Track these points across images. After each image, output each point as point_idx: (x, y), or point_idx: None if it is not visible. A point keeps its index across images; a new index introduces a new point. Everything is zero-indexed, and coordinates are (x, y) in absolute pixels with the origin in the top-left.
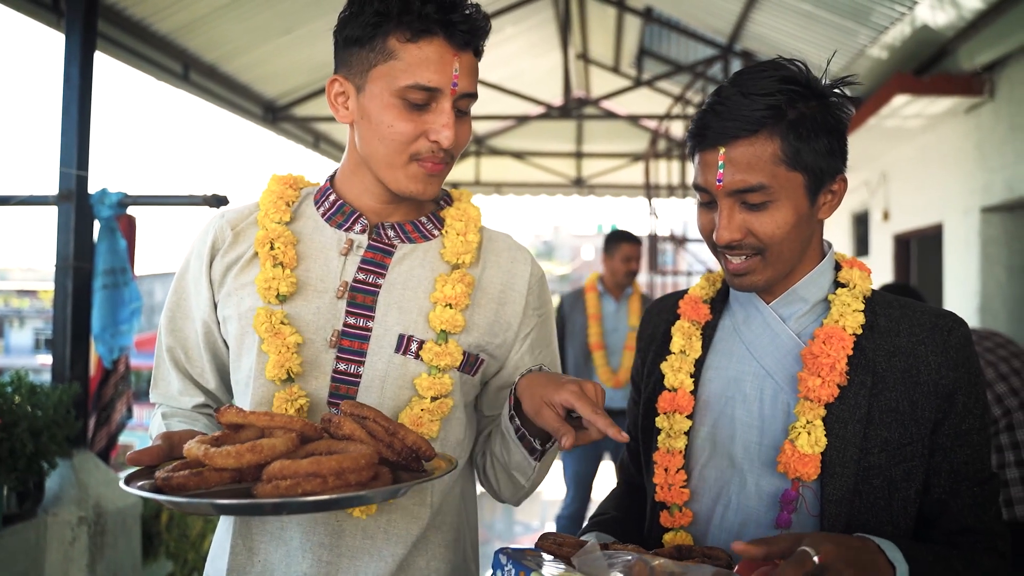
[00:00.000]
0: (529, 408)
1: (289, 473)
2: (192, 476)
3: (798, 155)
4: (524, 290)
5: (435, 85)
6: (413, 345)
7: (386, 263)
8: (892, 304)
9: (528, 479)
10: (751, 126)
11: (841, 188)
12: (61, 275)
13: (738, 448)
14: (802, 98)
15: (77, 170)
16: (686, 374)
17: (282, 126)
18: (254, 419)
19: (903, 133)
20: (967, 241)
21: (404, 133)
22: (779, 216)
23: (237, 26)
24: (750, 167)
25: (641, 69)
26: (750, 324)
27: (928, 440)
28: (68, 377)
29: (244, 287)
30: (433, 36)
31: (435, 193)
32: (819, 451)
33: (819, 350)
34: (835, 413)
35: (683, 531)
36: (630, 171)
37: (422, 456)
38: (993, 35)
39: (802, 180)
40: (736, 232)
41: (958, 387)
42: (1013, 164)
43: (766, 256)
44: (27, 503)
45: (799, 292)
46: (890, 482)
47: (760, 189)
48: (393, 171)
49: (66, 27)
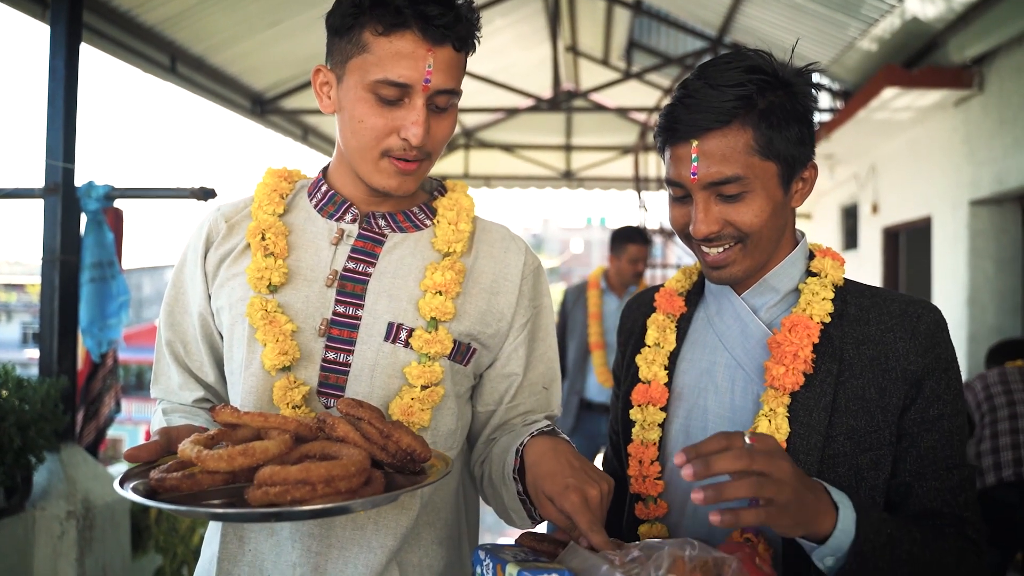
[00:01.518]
0: (531, 493)
1: (279, 480)
2: (185, 478)
3: (770, 144)
4: (517, 280)
5: (405, 81)
6: (403, 333)
7: (376, 252)
8: (864, 293)
9: (526, 525)
10: (723, 117)
11: (812, 175)
12: (48, 268)
13: None
14: (770, 87)
15: (63, 163)
16: (660, 366)
17: (270, 119)
18: (248, 419)
19: (892, 126)
20: (956, 234)
21: (374, 128)
22: (756, 206)
23: (225, 18)
24: (724, 158)
25: (630, 62)
26: (722, 315)
27: (895, 427)
28: (56, 371)
29: (235, 277)
30: (406, 30)
31: (410, 189)
32: (781, 439)
33: (783, 339)
34: (800, 401)
35: (658, 523)
36: (619, 164)
37: (417, 459)
38: (983, 28)
39: (775, 169)
40: (714, 224)
41: (927, 373)
42: (1002, 158)
43: (746, 245)
44: (15, 498)
45: (770, 282)
46: (856, 470)
47: (736, 180)
48: (365, 165)
49: (51, 19)
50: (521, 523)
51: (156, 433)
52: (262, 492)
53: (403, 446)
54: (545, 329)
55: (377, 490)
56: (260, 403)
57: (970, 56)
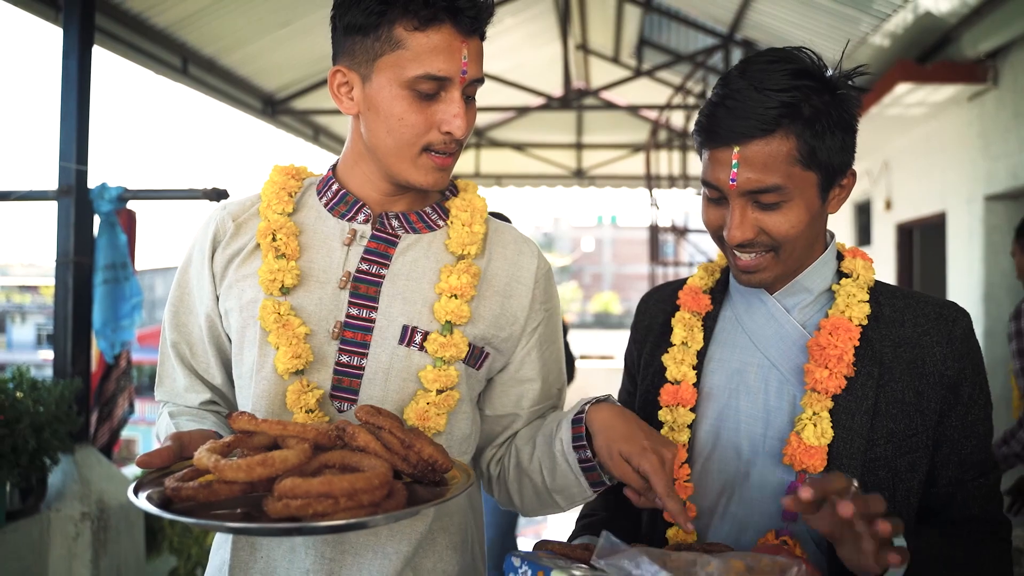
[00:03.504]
0: (604, 456)
1: (300, 492)
2: (201, 488)
3: (813, 154)
4: (531, 283)
5: (446, 74)
6: (417, 336)
7: (390, 253)
8: (896, 294)
9: (572, 504)
10: (767, 125)
11: (850, 182)
12: (62, 270)
13: (743, 440)
14: (816, 92)
15: (76, 165)
16: (688, 366)
17: (281, 119)
18: (266, 427)
19: (906, 121)
20: (971, 230)
21: (415, 125)
22: (792, 216)
23: (236, 19)
24: (766, 167)
25: (641, 59)
26: (753, 314)
27: (933, 431)
28: (70, 372)
29: (245, 279)
30: (441, 24)
31: (446, 183)
32: (826, 443)
33: (826, 341)
34: (842, 404)
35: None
36: (630, 162)
37: (438, 469)
38: (996, 22)
39: (816, 179)
40: (749, 232)
41: (963, 377)
42: (1017, 152)
43: (779, 253)
44: (30, 499)
45: (803, 283)
46: (895, 473)
47: (775, 190)
48: (402, 163)
49: (64, 21)
50: (566, 503)
51: (168, 438)
52: (283, 504)
53: (425, 456)
54: (556, 332)
55: (399, 503)
56: (272, 407)
57: (984, 51)
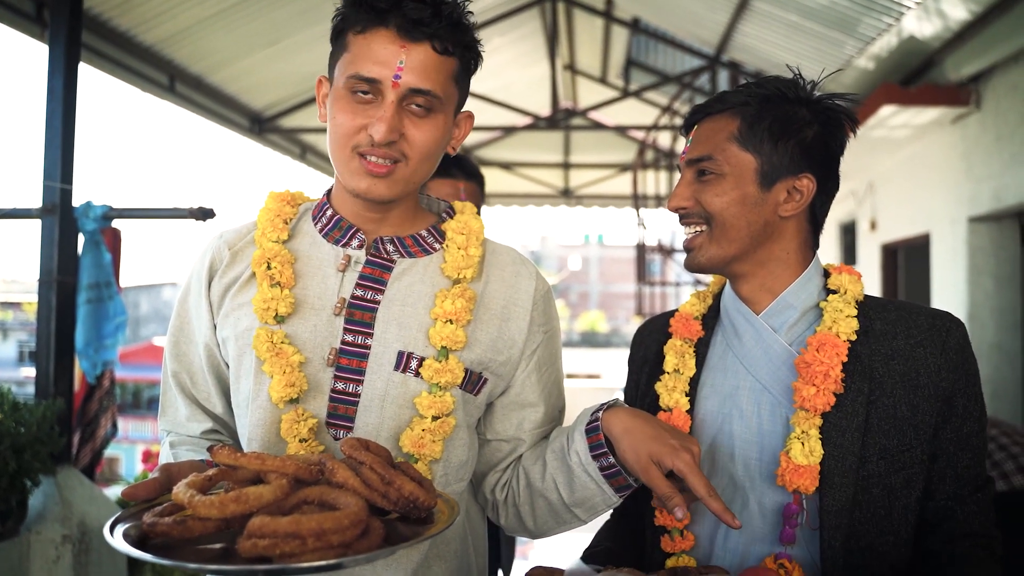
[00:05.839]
0: (632, 460)
1: (268, 532)
2: (176, 525)
3: (752, 138)
4: (528, 305)
5: (374, 76)
6: (413, 362)
7: (385, 279)
8: (887, 307)
9: (595, 515)
10: (721, 105)
11: (807, 187)
12: (45, 289)
13: (738, 465)
14: (789, 103)
15: (61, 183)
16: (681, 393)
17: (269, 137)
18: (245, 462)
19: (890, 143)
20: (954, 251)
21: (343, 125)
22: (724, 191)
23: (223, 37)
24: (707, 140)
25: (628, 80)
26: (742, 337)
27: (928, 445)
28: (52, 392)
29: (241, 307)
30: (381, 27)
31: (383, 194)
32: (815, 461)
33: (812, 358)
34: (832, 422)
35: (685, 555)
36: (618, 181)
37: (420, 507)
38: (979, 46)
39: (753, 163)
40: (683, 200)
41: (957, 389)
42: (1000, 174)
43: (712, 231)
44: (10, 522)
45: (787, 299)
46: (890, 490)
47: (708, 159)
48: (339, 165)
49: (50, 38)
50: (588, 515)
51: (157, 469)
52: (251, 544)
53: (405, 494)
54: (555, 353)
55: (374, 543)
56: (268, 436)
57: (966, 74)
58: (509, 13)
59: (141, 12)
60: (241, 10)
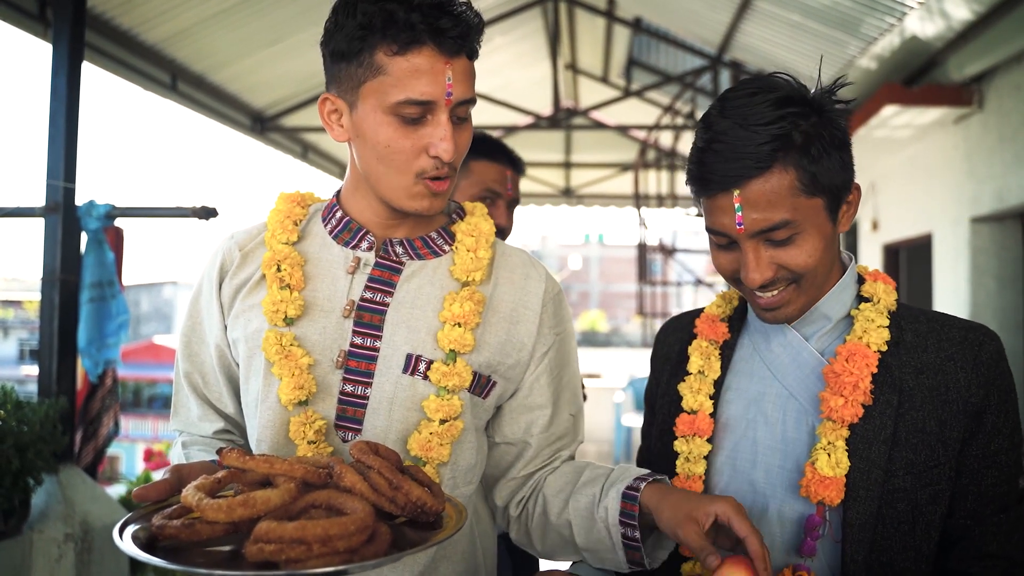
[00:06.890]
0: (669, 521)
1: (274, 537)
2: (184, 528)
3: (815, 180)
4: (538, 308)
5: (429, 98)
6: (421, 365)
7: (394, 281)
8: (919, 318)
9: (602, 564)
10: (762, 163)
11: (856, 196)
12: (48, 288)
13: (759, 472)
14: (803, 117)
15: (64, 182)
16: (705, 395)
17: (271, 136)
18: (254, 465)
19: (892, 143)
20: (957, 251)
21: (403, 151)
22: (808, 245)
23: (226, 36)
24: (770, 205)
25: (630, 79)
26: (771, 343)
27: (955, 461)
28: (55, 391)
29: (251, 308)
30: (422, 46)
31: (442, 208)
32: (841, 473)
33: (841, 368)
34: (859, 433)
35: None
36: (619, 181)
37: (428, 511)
38: (982, 46)
39: (822, 203)
40: (768, 272)
41: (987, 405)
42: (1002, 174)
43: (801, 284)
44: (12, 520)
45: (821, 309)
46: (915, 506)
47: (785, 225)
48: (398, 191)
49: (53, 37)
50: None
51: (168, 470)
52: (257, 548)
53: (412, 499)
54: (568, 356)
55: (380, 549)
56: (276, 437)
57: (969, 74)
58: (511, 12)
59: (144, 11)
60: (243, 9)
